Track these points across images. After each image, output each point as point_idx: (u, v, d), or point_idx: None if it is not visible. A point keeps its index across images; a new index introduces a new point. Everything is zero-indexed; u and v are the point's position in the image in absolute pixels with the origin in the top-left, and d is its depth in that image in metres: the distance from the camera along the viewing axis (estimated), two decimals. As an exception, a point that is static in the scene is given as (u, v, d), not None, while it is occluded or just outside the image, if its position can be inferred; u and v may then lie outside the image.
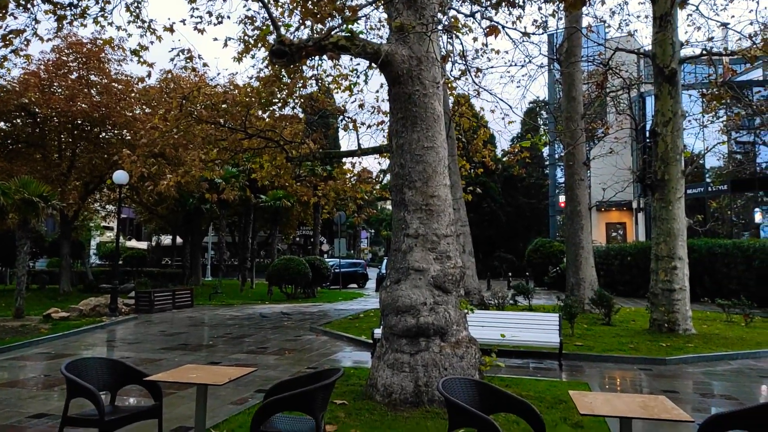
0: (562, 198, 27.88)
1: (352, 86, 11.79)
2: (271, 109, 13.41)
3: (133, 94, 21.74)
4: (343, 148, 28.59)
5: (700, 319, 13.78)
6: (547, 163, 41.15)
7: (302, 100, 17.83)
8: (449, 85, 16.54)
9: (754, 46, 11.21)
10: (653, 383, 7.75)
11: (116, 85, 21.66)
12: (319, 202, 20.88)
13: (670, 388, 7.40)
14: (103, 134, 22.70)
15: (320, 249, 33.47)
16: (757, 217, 23.81)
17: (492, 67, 59.22)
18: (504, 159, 28.98)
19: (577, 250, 15.79)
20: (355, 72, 13.40)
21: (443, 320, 6.01)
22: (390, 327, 6.17)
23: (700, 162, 25.12)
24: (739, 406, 6.27)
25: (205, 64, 13.11)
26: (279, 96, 13.08)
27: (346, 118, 14.76)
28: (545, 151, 39.24)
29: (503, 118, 19.79)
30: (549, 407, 5.91)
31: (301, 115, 19.49)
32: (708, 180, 25.70)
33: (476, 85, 19.46)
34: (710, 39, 13.03)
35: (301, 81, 13.67)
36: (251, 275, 27.75)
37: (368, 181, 22.15)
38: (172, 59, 12.64)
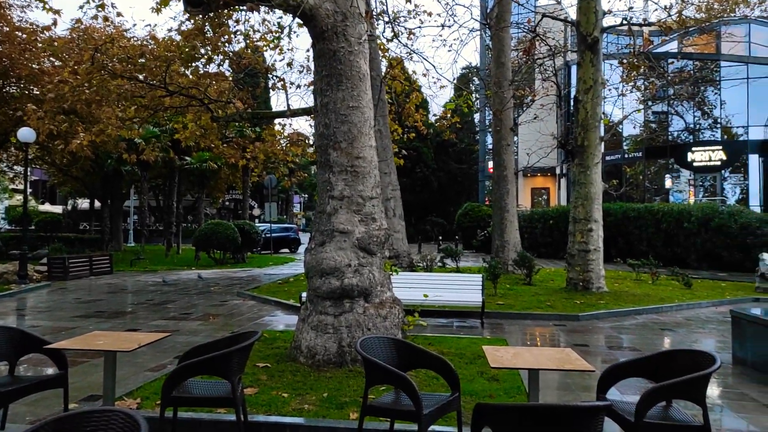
0: (491, 163, 28.64)
1: (276, 39, 11.30)
2: (194, 65, 12.70)
3: (39, 45, 19.92)
4: (275, 109, 27.73)
5: (613, 277, 14.70)
6: (478, 129, 41.89)
7: (229, 57, 17.04)
8: (381, 46, 16.32)
9: (669, 17, 11.73)
10: (567, 338, 8.22)
11: (20, 33, 19.74)
12: (248, 164, 20.27)
13: (581, 342, 7.87)
14: (7, 88, 20.77)
15: (251, 213, 32.74)
16: (668, 182, 25.51)
17: (422, 26, 58.82)
18: (436, 124, 29.20)
19: (502, 213, 16.31)
20: (283, 29, 12.89)
21: (367, 282, 6.03)
22: (314, 289, 6.13)
23: (618, 130, 26.41)
24: (639, 356, 6.77)
25: (119, 14, 12.19)
26: (202, 51, 12.39)
27: (274, 78, 14.23)
28: (476, 116, 39.91)
29: (435, 83, 19.81)
30: (468, 363, 6.13)
31: (228, 74, 18.64)
32: (625, 147, 27.13)
33: (407, 47, 19.26)
34: (630, 9, 13.51)
35: (226, 36, 13.00)
36: (177, 241, 26.80)
37: (299, 144, 21.70)
38: (81, 6, 11.60)
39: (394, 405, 3.74)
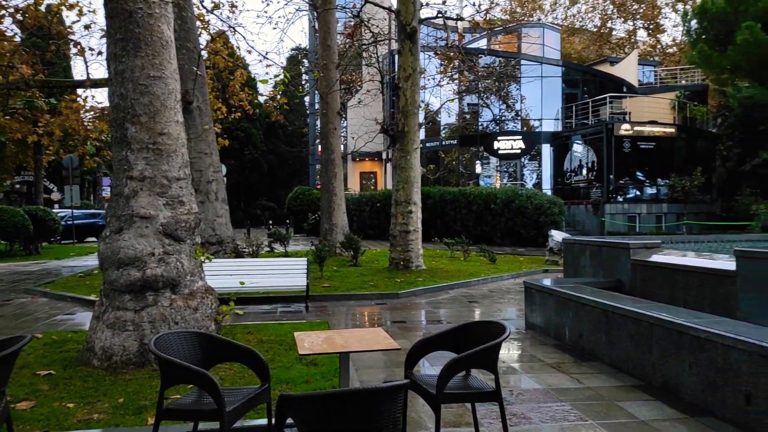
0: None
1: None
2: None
3: None
4: (78, 78, 24.28)
5: (431, 256, 15.72)
6: (308, 111, 41.69)
7: (11, 14, 14.46)
8: (201, 17, 15.15)
9: (479, 15, 12.71)
10: (387, 315, 8.51)
11: None
12: (41, 141, 17.51)
13: (400, 319, 8.21)
14: None
15: (48, 198, 28.55)
16: (478, 168, 28.07)
17: None
18: (264, 104, 28.32)
19: (330, 196, 16.41)
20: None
21: (175, 271, 5.50)
22: (111, 282, 5.41)
23: (437, 118, 28.33)
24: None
25: None
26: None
27: (70, 41, 12.37)
28: (306, 99, 39.67)
29: (260, 62, 19.05)
30: (288, 349, 5.96)
31: (11, 33, 15.81)
32: (442, 135, 29.20)
33: (226, 22, 18.23)
34: (444, 2, 14.38)
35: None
36: (-52, 231, 22.22)
37: (108, 119, 19.35)
38: None
39: (195, 405, 3.40)
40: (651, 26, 41.74)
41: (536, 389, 4.82)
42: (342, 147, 20.28)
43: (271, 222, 32.05)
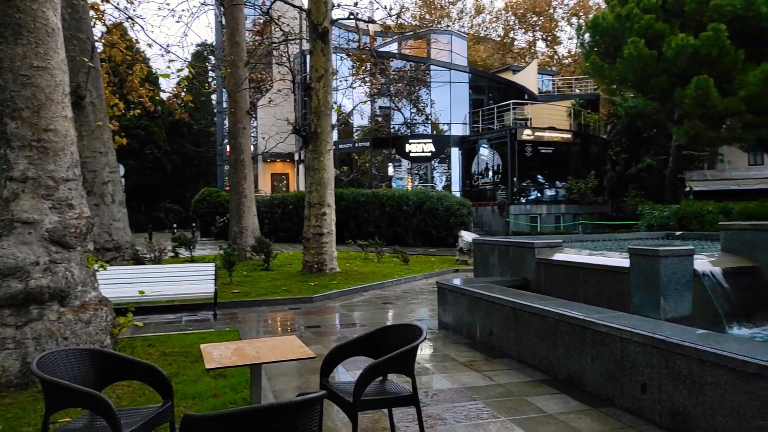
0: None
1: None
2: None
3: None
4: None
5: (345, 258, 15.64)
6: (215, 110, 40.15)
7: None
8: (95, 6, 14.05)
9: (390, 18, 12.82)
10: (301, 321, 8.30)
11: None
12: None
13: (315, 323, 8.04)
14: None
15: None
16: (390, 170, 28.43)
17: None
18: (167, 101, 26.85)
19: (240, 198, 15.84)
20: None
21: (63, 281, 4.99)
22: (-14, 296, 4.81)
23: (350, 120, 28.33)
24: (366, 332, 7.21)
25: None
26: None
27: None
28: (214, 97, 38.19)
29: (162, 56, 18.04)
30: (194, 361, 5.61)
31: None
32: (355, 136, 29.26)
33: (125, 12, 17.14)
34: (356, 4, 14.39)
35: None
36: None
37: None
38: None
39: (87, 430, 3.07)
40: (549, 38, 44.47)
41: (450, 389, 4.88)
42: (252, 147, 19.66)
43: (175, 225, 30.48)
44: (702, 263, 5.80)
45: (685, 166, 25.56)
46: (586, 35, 23.02)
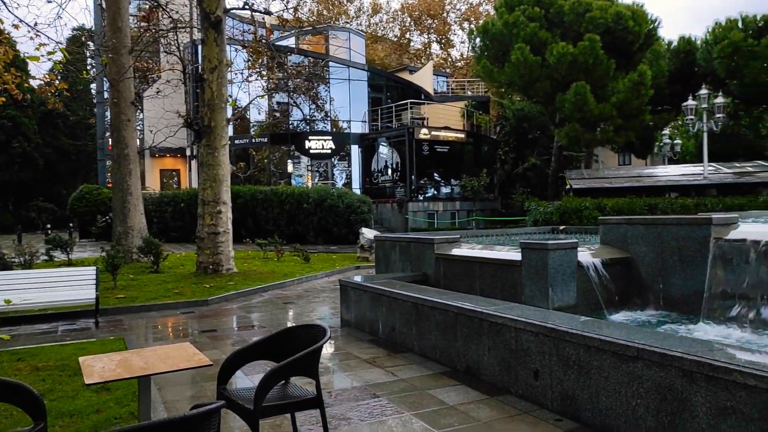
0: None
1: None
2: None
3: None
4: None
5: (243, 258, 15.10)
6: (95, 101, 37.00)
7: None
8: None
9: (286, 11, 12.51)
10: (195, 325, 7.86)
11: None
12: None
13: (211, 327, 7.64)
14: None
15: None
16: (290, 167, 27.91)
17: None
18: (38, 89, 24.29)
19: (125, 196, 14.70)
20: None
21: None
22: None
23: (247, 115, 27.42)
24: (266, 334, 6.97)
25: None
26: None
27: None
28: (93, 86, 35.19)
29: (32, 38, 16.26)
30: (72, 375, 5.09)
31: None
32: (252, 132, 28.38)
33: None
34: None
35: None
36: None
37: None
38: None
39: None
40: (443, 41, 46.08)
41: (354, 387, 4.83)
42: (138, 141, 18.29)
43: (49, 226, 27.73)
44: (584, 255, 6.25)
45: (566, 166, 27.68)
46: (477, 39, 24.12)
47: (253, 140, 27.92)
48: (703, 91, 20.09)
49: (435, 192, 27.60)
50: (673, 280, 5.98)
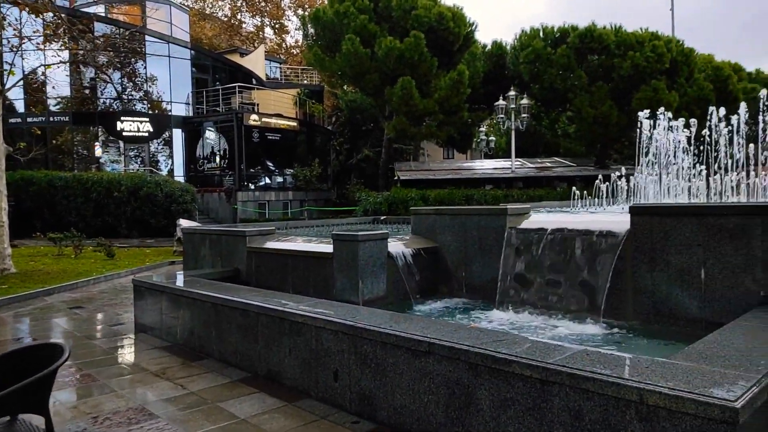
0: None
1: None
2: None
3: None
4: None
5: (30, 255, 12.92)
6: None
7: None
8: None
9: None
10: (-61, 343, 6.29)
11: None
12: None
13: (-39, 344, 6.17)
14: None
15: None
16: (98, 151, 24.77)
17: None
18: None
19: None
20: None
21: None
22: None
23: (43, 89, 23.66)
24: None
25: None
26: None
27: None
28: None
29: None
30: None
31: None
32: (53, 109, 24.58)
33: None
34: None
35: None
36: None
37: None
38: None
39: None
40: (277, 26, 44.78)
41: (129, 408, 4.11)
42: None
43: None
44: (395, 245, 6.21)
45: (396, 158, 28.67)
46: (310, 27, 23.67)
47: (52, 119, 24.20)
48: (512, 93, 22.15)
49: (267, 181, 26.68)
50: (475, 268, 6.21)
